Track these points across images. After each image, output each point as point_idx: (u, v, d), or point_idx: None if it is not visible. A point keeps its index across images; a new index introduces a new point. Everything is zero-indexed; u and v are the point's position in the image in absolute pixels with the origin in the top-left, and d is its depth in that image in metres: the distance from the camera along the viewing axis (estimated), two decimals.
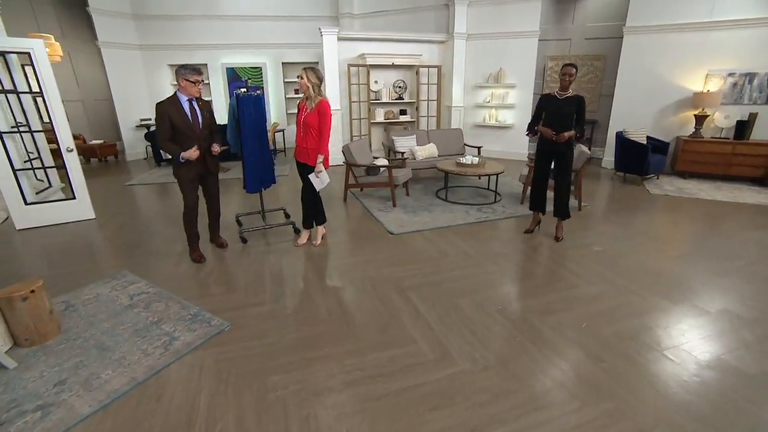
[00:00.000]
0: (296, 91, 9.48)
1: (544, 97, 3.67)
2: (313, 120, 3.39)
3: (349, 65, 6.84)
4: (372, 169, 4.89)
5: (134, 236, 4.18)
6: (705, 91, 6.19)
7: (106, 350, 2.32)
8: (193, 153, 3.18)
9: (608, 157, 7.15)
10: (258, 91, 3.88)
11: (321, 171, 3.51)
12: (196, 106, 3.23)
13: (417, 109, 7.47)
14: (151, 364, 2.20)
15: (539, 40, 7.48)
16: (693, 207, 4.98)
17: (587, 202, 5.08)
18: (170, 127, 3.11)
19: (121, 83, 7.91)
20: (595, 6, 7.63)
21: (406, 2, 8.15)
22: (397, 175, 4.75)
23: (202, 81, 3.21)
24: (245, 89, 3.81)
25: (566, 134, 3.50)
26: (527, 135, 3.83)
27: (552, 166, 3.79)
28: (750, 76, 5.99)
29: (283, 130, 8.87)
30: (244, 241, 3.94)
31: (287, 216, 4.59)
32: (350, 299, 2.91)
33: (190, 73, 3.11)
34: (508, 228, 4.25)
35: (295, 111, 9.43)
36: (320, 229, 3.92)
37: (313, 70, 3.35)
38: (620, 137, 6.29)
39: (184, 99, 3.18)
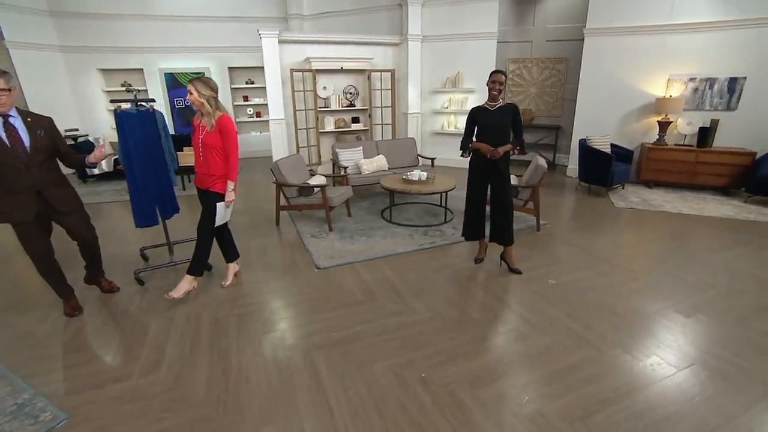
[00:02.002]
0: (245, 98, 8.80)
1: (475, 111, 3.21)
2: (215, 141, 2.79)
3: (292, 70, 6.23)
4: (305, 190, 4.29)
5: (2, 281, 3.43)
6: (667, 96, 5.90)
7: None
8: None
9: (573, 165, 6.80)
10: (151, 104, 3.23)
11: (232, 200, 2.95)
12: (19, 125, 2.43)
13: (370, 116, 6.92)
14: None
15: (499, 42, 7.08)
16: (658, 222, 4.61)
17: (547, 219, 4.63)
18: None
19: (39, 89, 7.01)
20: (555, 7, 7.29)
21: (358, 2, 7.60)
22: (332, 196, 4.17)
23: (8, 89, 2.33)
24: (136, 104, 3.17)
25: (501, 149, 3.07)
26: (462, 155, 3.34)
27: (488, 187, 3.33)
28: (710, 82, 5.73)
29: None
30: (140, 282, 3.26)
31: None
32: (241, 367, 2.30)
33: None
34: (454, 256, 3.72)
35: (245, 119, 8.96)
36: (231, 267, 3.29)
37: (202, 81, 2.74)
38: (583, 145, 5.92)
39: None
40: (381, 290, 3.10)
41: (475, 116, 3.18)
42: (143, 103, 3.23)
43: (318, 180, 4.47)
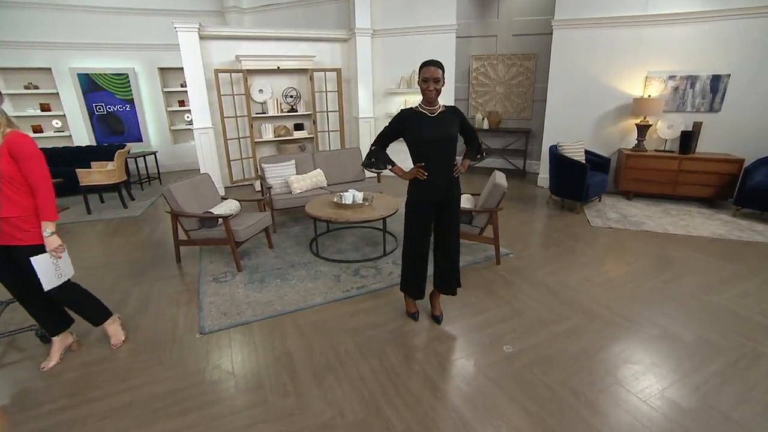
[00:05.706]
0: (181, 102, 7.78)
1: (406, 116, 2.30)
2: (5, 167, 1.90)
3: (216, 71, 5.30)
4: (208, 220, 3.38)
5: None
6: (645, 96, 5.25)
7: None
8: None
9: (544, 174, 6.08)
10: None
11: (59, 247, 2.07)
12: None
13: (314, 122, 6.04)
14: None
15: (461, 37, 6.36)
16: (641, 246, 3.89)
17: (511, 246, 3.85)
18: None
19: None
20: None
21: None
22: (238, 229, 3.26)
23: None
24: None
25: (463, 167, 2.40)
26: (370, 169, 2.59)
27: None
28: (692, 80, 5.10)
29: (155, 153, 7.10)
30: None
31: None
32: None
33: None
34: (384, 309, 2.81)
35: (182, 126, 7.92)
36: (56, 343, 2.32)
37: None
38: (554, 153, 5.18)
39: None
40: (272, 371, 2.22)
41: (407, 125, 2.28)
42: None
43: (226, 207, 3.56)
